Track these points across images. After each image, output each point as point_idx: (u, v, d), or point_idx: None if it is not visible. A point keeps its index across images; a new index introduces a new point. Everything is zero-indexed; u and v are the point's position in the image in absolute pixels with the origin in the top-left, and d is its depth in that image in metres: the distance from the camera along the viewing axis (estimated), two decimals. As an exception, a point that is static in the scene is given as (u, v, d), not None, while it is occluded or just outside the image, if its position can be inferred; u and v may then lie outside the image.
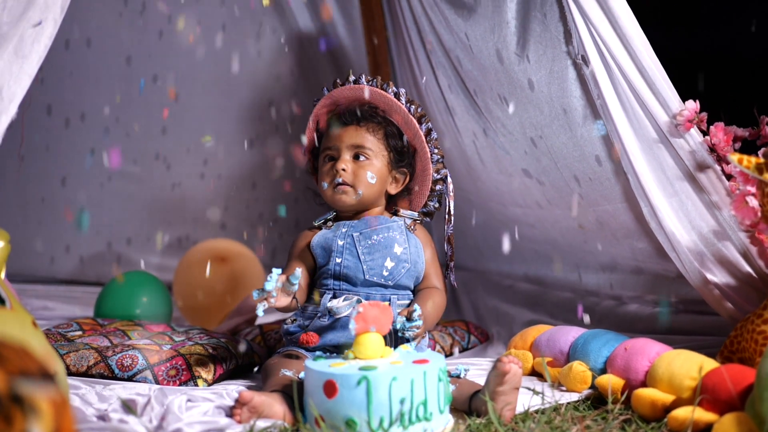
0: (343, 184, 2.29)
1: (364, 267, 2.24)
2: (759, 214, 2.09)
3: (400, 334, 2.10)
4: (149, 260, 3.55)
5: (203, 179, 3.56)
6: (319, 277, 2.29)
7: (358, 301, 2.17)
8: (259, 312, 2.04)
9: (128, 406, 1.96)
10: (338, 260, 2.26)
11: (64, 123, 3.47)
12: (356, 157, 2.30)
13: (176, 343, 2.46)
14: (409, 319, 2.09)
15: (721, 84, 2.59)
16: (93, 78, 3.40)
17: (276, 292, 2.04)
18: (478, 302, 3.15)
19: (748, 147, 2.26)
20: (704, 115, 2.19)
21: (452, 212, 2.37)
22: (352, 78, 2.36)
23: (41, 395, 1.11)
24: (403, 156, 2.34)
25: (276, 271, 2.05)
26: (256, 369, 2.45)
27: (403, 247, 2.27)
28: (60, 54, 2.05)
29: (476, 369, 2.36)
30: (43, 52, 1.99)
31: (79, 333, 2.58)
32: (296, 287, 2.09)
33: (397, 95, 2.33)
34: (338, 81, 2.37)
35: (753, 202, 2.10)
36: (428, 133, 2.34)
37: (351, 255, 2.26)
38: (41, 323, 1.89)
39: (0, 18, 1.91)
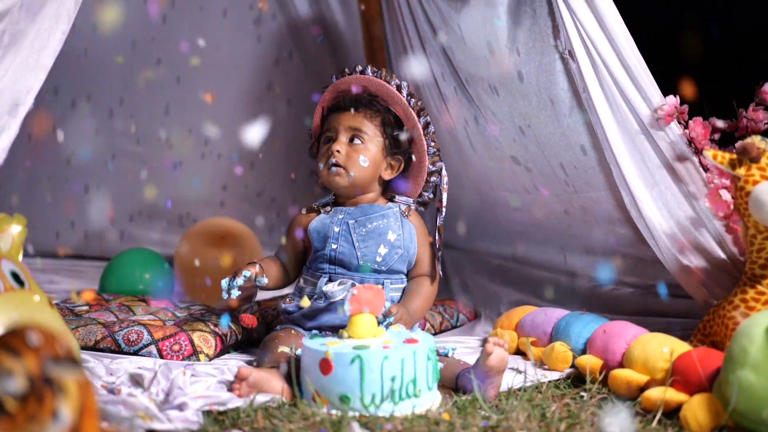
0: (337, 165, 2.35)
1: (358, 254, 2.32)
2: (731, 206, 2.15)
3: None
4: (151, 237, 3.64)
5: (204, 159, 3.64)
6: (315, 260, 2.37)
7: (352, 285, 2.24)
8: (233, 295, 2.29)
9: (136, 380, 2.03)
10: (334, 246, 2.34)
11: (71, 104, 3.54)
12: (352, 140, 2.37)
13: (179, 318, 2.54)
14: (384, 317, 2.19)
15: (708, 75, 2.65)
16: (99, 61, 3.46)
17: (236, 290, 2.28)
18: (467, 281, 3.19)
19: (728, 138, 2.31)
20: (685, 107, 2.25)
21: (445, 204, 2.44)
22: (359, 68, 2.41)
23: (69, 377, 1.23)
24: (399, 144, 2.40)
25: (239, 281, 2.28)
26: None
27: (397, 233, 2.35)
28: (68, 37, 2.11)
29: (463, 347, 2.44)
30: (57, 46, 2.05)
31: (86, 308, 2.66)
32: (265, 281, 2.33)
33: (399, 87, 2.38)
34: (346, 70, 2.43)
35: (726, 195, 2.15)
36: (426, 126, 2.40)
37: (346, 242, 2.33)
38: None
39: (18, 15, 1.96)
